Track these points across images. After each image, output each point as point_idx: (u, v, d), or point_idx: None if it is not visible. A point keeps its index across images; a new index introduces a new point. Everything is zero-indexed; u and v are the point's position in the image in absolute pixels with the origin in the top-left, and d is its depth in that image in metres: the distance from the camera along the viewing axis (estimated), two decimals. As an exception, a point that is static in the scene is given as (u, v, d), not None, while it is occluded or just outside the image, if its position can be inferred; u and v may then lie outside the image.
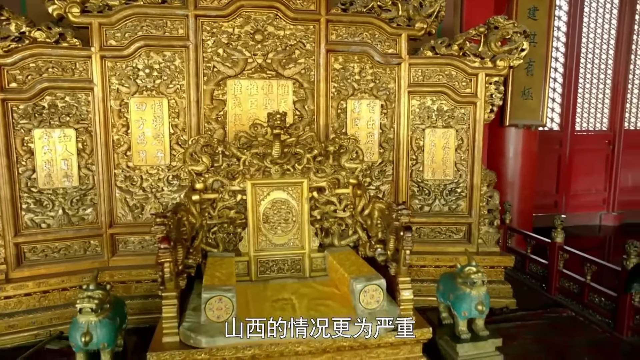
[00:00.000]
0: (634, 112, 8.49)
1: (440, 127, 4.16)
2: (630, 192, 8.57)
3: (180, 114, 3.80)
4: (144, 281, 3.80)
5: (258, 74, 3.87)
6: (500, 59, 4.00)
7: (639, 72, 8.40)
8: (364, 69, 4.04)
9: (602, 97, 8.33)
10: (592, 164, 8.40)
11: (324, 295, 2.67)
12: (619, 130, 8.35)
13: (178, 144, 3.81)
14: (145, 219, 3.83)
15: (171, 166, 3.82)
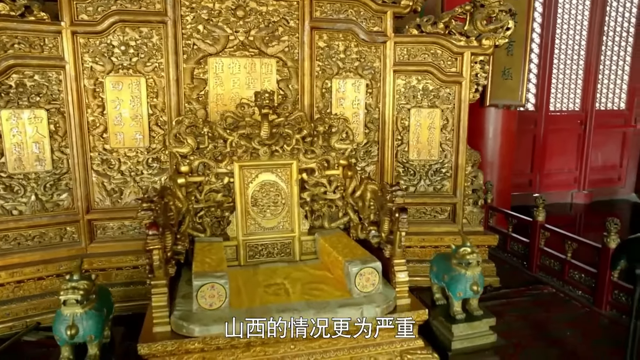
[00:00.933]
0: (604, 93, 8.67)
1: (426, 107, 4.13)
2: (599, 171, 8.82)
3: (159, 94, 3.63)
4: (125, 268, 3.68)
5: (240, 52, 3.72)
6: (486, 37, 3.97)
7: (610, 54, 8.56)
8: (349, 47, 3.94)
9: (575, 78, 8.47)
10: (565, 143, 8.58)
11: (316, 279, 2.62)
12: (590, 110, 8.52)
13: (157, 125, 3.65)
14: (124, 203, 3.68)
15: (151, 148, 3.67)
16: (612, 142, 8.82)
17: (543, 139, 8.35)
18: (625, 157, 8.91)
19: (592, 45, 8.32)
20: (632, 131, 8.81)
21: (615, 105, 8.78)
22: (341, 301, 2.33)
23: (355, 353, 2.34)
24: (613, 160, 8.93)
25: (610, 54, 8.60)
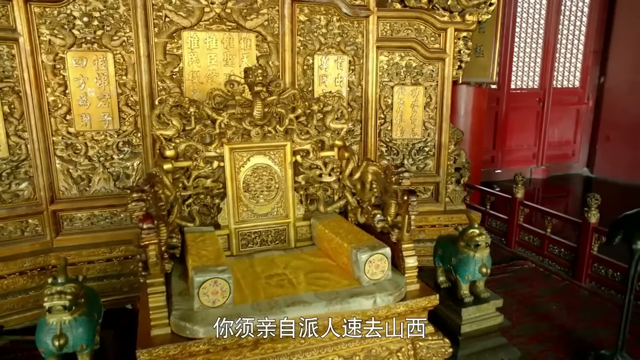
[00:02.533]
0: (561, 71, 8.95)
1: (409, 84, 4.03)
2: (556, 146, 9.16)
3: (129, 71, 3.31)
4: (97, 261, 3.40)
5: (217, 26, 3.45)
6: (469, 13, 3.89)
7: (566, 34, 8.81)
8: (330, 21, 3.75)
9: (535, 56, 8.67)
10: (525, 120, 8.82)
11: (319, 268, 2.49)
12: (548, 88, 8.78)
13: (128, 105, 3.35)
14: (93, 192, 3.38)
15: (121, 131, 3.36)
16: (567, 119, 9.16)
17: (505, 116, 8.54)
18: (578, 133, 9.29)
19: (550, 25, 8.53)
20: (585, 108, 9.18)
21: (570, 84, 9.09)
22: (351, 290, 2.22)
23: (367, 343, 2.25)
24: (568, 137, 9.30)
25: (567, 33, 8.86)
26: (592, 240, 3.67)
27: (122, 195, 3.40)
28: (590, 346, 3.00)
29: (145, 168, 3.44)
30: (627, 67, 8.43)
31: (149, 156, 3.42)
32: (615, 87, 8.72)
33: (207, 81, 3.49)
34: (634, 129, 8.32)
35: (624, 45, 8.49)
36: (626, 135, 8.49)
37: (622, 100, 8.58)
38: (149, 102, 3.34)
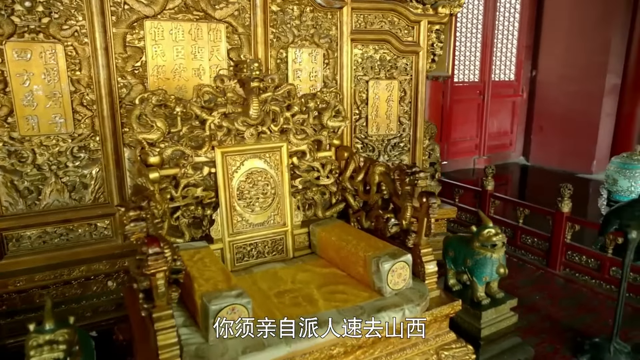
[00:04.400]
0: (498, 65, 9.34)
1: (384, 78, 3.91)
2: (495, 137, 9.57)
3: (84, 65, 2.88)
4: (52, 286, 2.95)
5: (183, 15, 3.10)
6: (442, 5, 3.84)
7: (502, 29, 9.20)
8: (304, 12, 3.53)
9: (475, 50, 8.96)
10: (467, 113, 9.11)
11: (330, 280, 2.28)
12: (487, 81, 9.13)
13: (83, 104, 2.91)
14: (44, 205, 2.92)
15: (76, 134, 2.93)
16: (505, 111, 9.60)
17: (449, 109, 8.75)
18: (515, 124, 9.77)
19: (487, 21, 8.85)
20: (520, 100, 9.66)
21: (506, 77, 9.52)
22: (375, 304, 2.04)
23: (393, 358, 2.09)
24: (505, 127, 9.74)
25: (502, 29, 9.25)
26: (566, 229, 3.79)
27: (80, 207, 3.00)
28: (580, 334, 3.07)
29: (106, 176, 3.04)
30: (556, 61, 8.98)
31: (110, 162, 3.02)
32: (546, 79, 9.26)
33: (173, 77, 3.14)
34: (564, 120, 8.88)
35: (553, 40, 9.02)
36: (557, 125, 9.04)
37: (552, 92, 9.13)
38: (108, 101, 2.94)
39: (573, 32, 8.60)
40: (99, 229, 3.10)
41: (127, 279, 3.16)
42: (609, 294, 3.54)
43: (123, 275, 3.14)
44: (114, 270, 3.11)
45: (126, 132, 3.03)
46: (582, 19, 8.40)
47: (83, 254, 3.02)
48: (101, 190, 3.06)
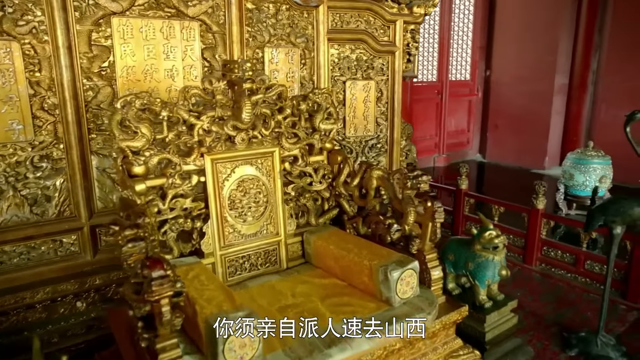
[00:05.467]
0: (455, 65, 9.57)
1: (360, 79, 3.84)
2: (453, 135, 9.79)
3: (44, 66, 2.61)
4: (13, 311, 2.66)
5: (154, 12, 2.89)
6: (417, 5, 3.83)
7: (457, 30, 9.43)
8: (280, 10, 3.39)
9: (432, 51, 9.12)
10: (427, 112, 9.25)
11: (332, 291, 2.17)
12: (445, 81, 9.32)
13: (44, 109, 2.64)
14: (1, 222, 2.63)
15: (36, 142, 2.65)
16: (461, 110, 9.84)
17: (410, 108, 8.84)
18: (471, 122, 10.04)
19: (444, 22, 9.04)
20: (476, 99, 9.94)
21: (462, 76, 9.76)
22: (385, 315, 1.95)
23: (404, 370, 2.01)
24: (462, 126, 9.99)
25: (457, 30, 9.48)
26: (541, 225, 3.87)
27: (43, 222, 2.73)
28: (565, 328, 3.12)
29: (72, 187, 2.78)
30: (508, 61, 9.30)
31: (77, 172, 2.76)
32: (499, 79, 9.57)
33: (144, 78, 2.92)
34: (517, 118, 9.22)
35: (504, 41, 9.35)
36: (511, 123, 9.37)
37: (506, 92, 9.46)
38: (72, 105, 2.69)
39: (523, 33, 8.94)
40: (64, 245, 2.83)
41: (99, 299, 2.91)
42: (585, 287, 3.65)
43: (94, 295, 2.88)
44: (83, 290, 2.85)
45: (93, 138, 2.80)
46: (531, 21, 8.74)
47: (47, 274, 2.76)
48: (66, 203, 2.79)
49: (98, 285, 2.88)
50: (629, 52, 7.75)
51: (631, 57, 7.74)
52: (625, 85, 7.90)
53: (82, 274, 2.85)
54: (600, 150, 6.03)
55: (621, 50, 7.90)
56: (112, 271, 2.90)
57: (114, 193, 2.91)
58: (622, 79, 7.92)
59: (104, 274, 2.89)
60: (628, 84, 7.85)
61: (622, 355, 2.77)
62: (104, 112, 2.80)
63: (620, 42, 7.92)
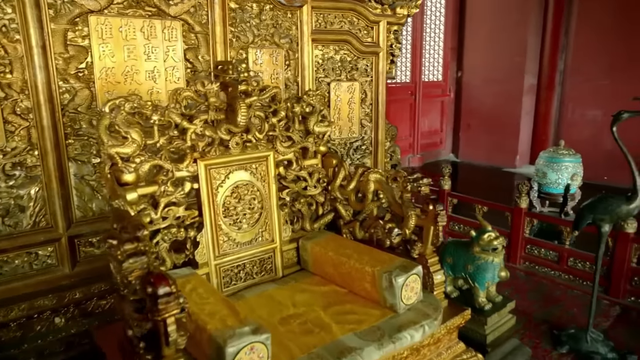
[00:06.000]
0: (427, 66, 9.68)
1: (345, 80, 3.80)
2: (427, 135, 9.90)
3: (15, 67, 2.44)
4: (-13, 333, 2.47)
5: (133, 10, 2.75)
6: (400, 6, 3.82)
7: (429, 31, 9.54)
8: (263, 9, 3.31)
9: (406, 52, 9.20)
10: (401, 113, 9.31)
11: (333, 300, 2.10)
12: (418, 82, 9.41)
13: (16, 113, 2.47)
14: (-28, 235, 2.43)
15: (8, 149, 2.47)
16: (434, 110, 9.96)
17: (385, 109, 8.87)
18: (444, 123, 10.18)
19: (416, 24, 9.12)
20: (448, 100, 10.08)
21: (435, 77, 9.88)
22: (392, 322, 1.90)
23: (410, 378, 1.96)
24: (436, 126, 10.11)
25: (430, 31, 9.59)
26: (524, 224, 3.93)
27: (17, 234, 2.56)
28: (554, 326, 3.16)
29: (49, 196, 2.61)
30: (479, 62, 9.49)
31: (53, 180, 2.60)
32: (471, 80, 9.75)
33: (125, 80, 2.77)
34: (489, 118, 9.41)
35: (475, 42, 9.52)
36: (483, 123, 9.56)
37: (477, 92, 9.64)
38: (48, 109, 2.53)
39: (493, 35, 9.13)
40: (40, 258, 2.65)
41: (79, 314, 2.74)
42: (569, 283, 3.72)
43: (74, 310, 2.71)
44: (62, 305, 2.68)
45: (71, 144, 2.64)
46: (500, 23, 8.94)
47: (22, 289, 2.58)
48: (42, 213, 2.62)
49: (78, 300, 2.72)
50: (592, 53, 8.02)
51: (595, 58, 8.02)
52: (590, 85, 8.18)
53: (60, 288, 2.68)
54: (571, 149, 6.19)
55: (586, 52, 8.18)
56: (92, 284, 2.75)
57: (93, 201, 2.76)
58: (587, 79, 8.20)
59: (84, 287, 2.74)
60: (593, 83, 8.13)
61: (610, 351, 2.81)
62: (82, 116, 2.65)
63: (585, 44, 8.19)
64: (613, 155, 7.68)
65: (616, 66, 7.66)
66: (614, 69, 7.72)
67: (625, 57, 7.46)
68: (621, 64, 7.57)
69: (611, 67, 7.76)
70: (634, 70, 7.37)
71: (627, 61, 7.46)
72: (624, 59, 7.50)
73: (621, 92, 7.69)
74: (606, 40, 7.74)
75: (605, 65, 7.84)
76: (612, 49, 7.69)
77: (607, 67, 7.83)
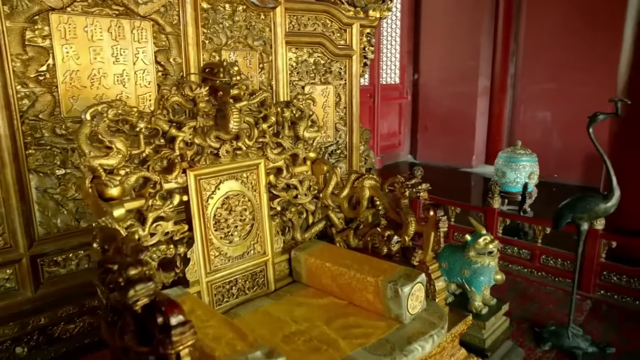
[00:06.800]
0: (385, 69, 9.80)
1: (319, 83, 3.72)
2: (386, 137, 10.01)
3: (-34, 70, 2.18)
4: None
5: (99, 9, 2.54)
6: (372, 9, 3.79)
7: (386, 34, 9.67)
8: (236, 10, 3.17)
9: (364, 55, 9.24)
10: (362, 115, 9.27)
11: (335, 312, 2.00)
12: (377, 85, 9.49)
13: (-32, 122, 2.21)
14: None
15: (-42, 163, 2.21)
16: (393, 113, 10.09)
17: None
18: (402, 125, 10.34)
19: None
20: (405, 102, 10.25)
21: (392, 80, 10.02)
22: (400, 334, 1.83)
23: (418, 390, 1.90)
24: (394, 128, 10.25)
25: (387, 34, 9.72)
26: (497, 223, 4.00)
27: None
28: (534, 323, 3.23)
29: (7, 212, 2.36)
30: (435, 65, 9.71)
31: (12, 195, 2.35)
32: (427, 82, 9.96)
33: (91, 84, 2.56)
34: (445, 119, 9.65)
35: (431, 45, 9.74)
36: (440, 124, 9.79)
37: (433, 94, 9.86)
38: (5, 116, 2.29)
39: (447, 39, 9.37)
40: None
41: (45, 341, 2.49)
42: (542, 280, 3.83)
43: (38, 337, 2.47)
44: (24, 333, 2.43)
45: (31, 154, 2.40)
46: (454, 27, 9.20)
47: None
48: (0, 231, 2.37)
49: (43, 325, 2.48)
50: (540, 57, 8.41)
51: (542, 62, 8.41)
52: (539, 88, 8.57)
53: (22, 314, 2.44)
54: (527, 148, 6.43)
55: (534, 56, 8.56)
56: (59, 307, 2.52)
57: (58, 216, 2.53)
58: (536, 82, 8.59)
59: (49, 311, 2.50)
60: (541, 86, 8.52)
61: (590, 345, 2.90)
62: (44, 124, 2.42)
63: (533, 48, 8.57)
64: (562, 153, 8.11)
65: (562, 70, 8.07)
66: (560, 73, 8.12)
67: (571, 61, 7.87)
68: (567, 68, 7.97)
69: (558, 71, 8.16)
70: (579, 73, 7.79)
71: (572, 65, 7.87)
72: (570, 63, 7.91)
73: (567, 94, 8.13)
74: (553, 45, 8.14)
75: (553, 68, 8.24)
76: (558, 54, 8.09)
77: (554, 70, 8.23)
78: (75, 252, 2.63)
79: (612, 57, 7.11)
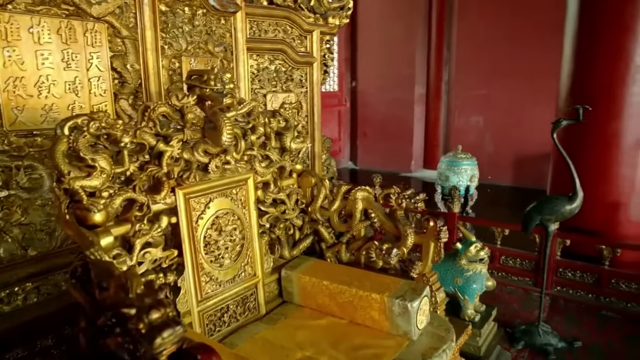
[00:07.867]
0: (325, 76, 9.82)
1: (281, 91, 3.59)
2: (328, 145, 10.00)
3: None
4: None
5: (46, 8, 2.25)
6: (332, 16, 3.74)
7: (324, 41, 9.69)
8: (196, 14, 2.98)
9: (304, 62, 9.20)
10: (303, 123, 9.28)
11: (339, 334, 1.87)
12: (317, 92, 9.47)
13: None
14: None
15: None
16: (332, 120, 10.16)
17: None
18: (341, 132, 10.44)
19: (313, 33, 9.19)
20: (344, 109, 10.36)
21: (331, 87, 10.09)
22: (412, 351, 1.75)
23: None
24: (334, 135, 10.30)
25: (325, 42, 9.74)
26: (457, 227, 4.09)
27: None
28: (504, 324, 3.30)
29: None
30: (372, 72, 9.92)
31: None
32: (365, 89, 10.14)
33: (39, 93, 2.26)
34: (384, 125, 9.87)
35: (367, 53, 9.94)
36: (379, 130, 10.00)
37: (371, 101, 10.06)
38: (-64, 132, 1.93)
39: (383, 47, 9.61)
40: None
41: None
42: (502, 280, 3.96)
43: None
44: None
45: (-31, 175, 2.05)
46: (389, 36, 9.45)
47: None
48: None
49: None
50: (471, 65, 8.88)
51: (472, 71, 8.88)
52: (471, 94, 9.03)
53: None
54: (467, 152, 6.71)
55: (466, 64, 9.02)
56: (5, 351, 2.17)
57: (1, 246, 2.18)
58: (468, 89, 9.05)
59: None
60: (473, 92, 8.99)
61: (560, 340, 3.02)
62: (-17, 139, 2.08)
63: (465, 57, 9.03)
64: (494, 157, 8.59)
65: (492, 77, 8.56)
66: (490, 80, 8.62)
67: (500, 68, 8.38)
68: (496, 75, 8.48)
69: (488, 78, 8.65)
70: (508, 80, 8.31)
71: (501, 72, 8.38)
72: (499, 71, 8.41)
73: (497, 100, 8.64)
74: (482, 54, 8.62)
75: (483, 76, 8.72)
76: (488, 62, 8.58)
77: (484, 78, 8.71)
78: (22, 284, 2.28)
79: (538, 66, 7.70)
